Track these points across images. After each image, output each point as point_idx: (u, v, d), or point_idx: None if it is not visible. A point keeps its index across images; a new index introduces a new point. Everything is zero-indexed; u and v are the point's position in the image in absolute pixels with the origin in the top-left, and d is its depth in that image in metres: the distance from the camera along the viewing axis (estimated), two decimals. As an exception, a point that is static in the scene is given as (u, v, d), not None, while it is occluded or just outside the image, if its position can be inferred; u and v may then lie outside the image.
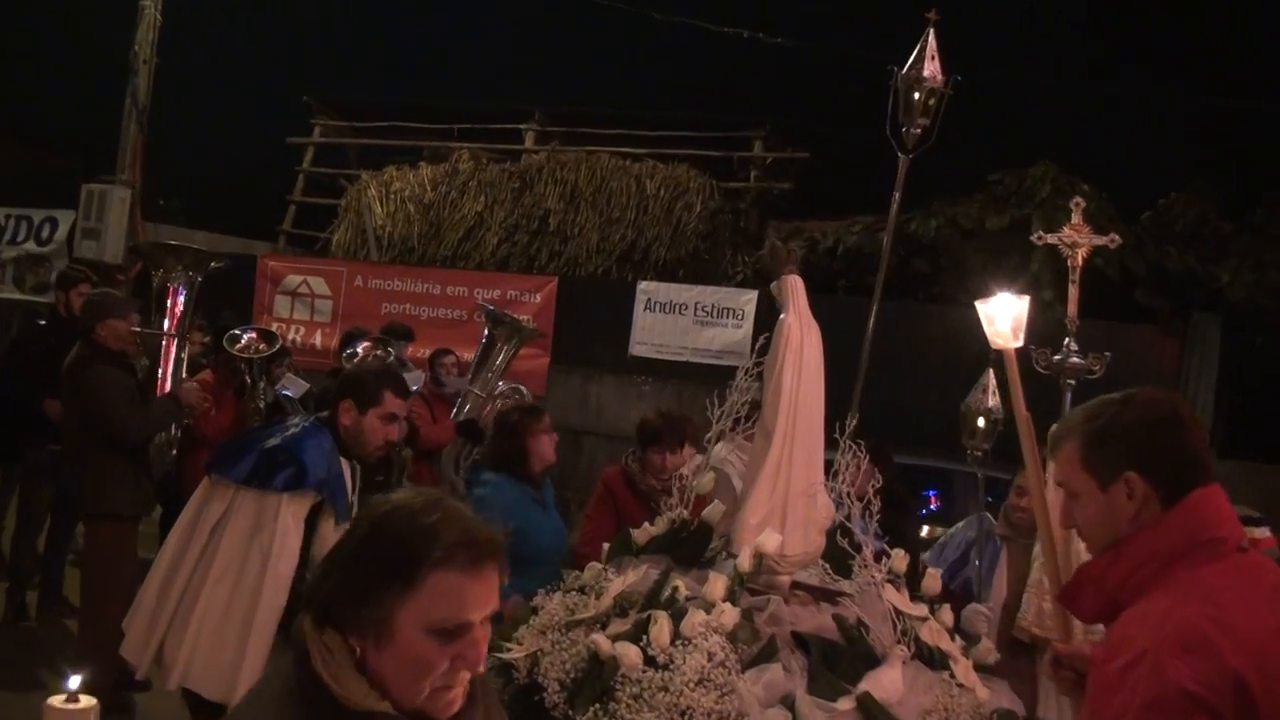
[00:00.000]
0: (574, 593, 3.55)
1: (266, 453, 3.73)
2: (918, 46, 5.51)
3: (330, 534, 3.70)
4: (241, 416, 7.03)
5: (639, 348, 11.36)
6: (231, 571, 3.65)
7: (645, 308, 11.41)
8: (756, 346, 3.84)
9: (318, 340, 12.24)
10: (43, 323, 7.73)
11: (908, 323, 9.75)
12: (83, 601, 6.02)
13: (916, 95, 5.48)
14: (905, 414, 9.00)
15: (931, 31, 5.53)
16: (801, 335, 3.75)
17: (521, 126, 15.54)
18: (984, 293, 3.77)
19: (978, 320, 3.72)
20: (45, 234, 14.24)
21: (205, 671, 3.62)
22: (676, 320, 11.26)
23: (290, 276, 12.63)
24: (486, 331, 7.61)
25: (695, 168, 13.84)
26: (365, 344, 7.36)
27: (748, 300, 10.96)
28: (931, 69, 5.48)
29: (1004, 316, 3.60)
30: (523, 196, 13.90)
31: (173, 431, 6.32)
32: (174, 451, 6.45)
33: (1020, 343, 3.51)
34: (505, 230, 13.74)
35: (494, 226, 13.78)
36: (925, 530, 7.45)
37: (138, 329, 6.16)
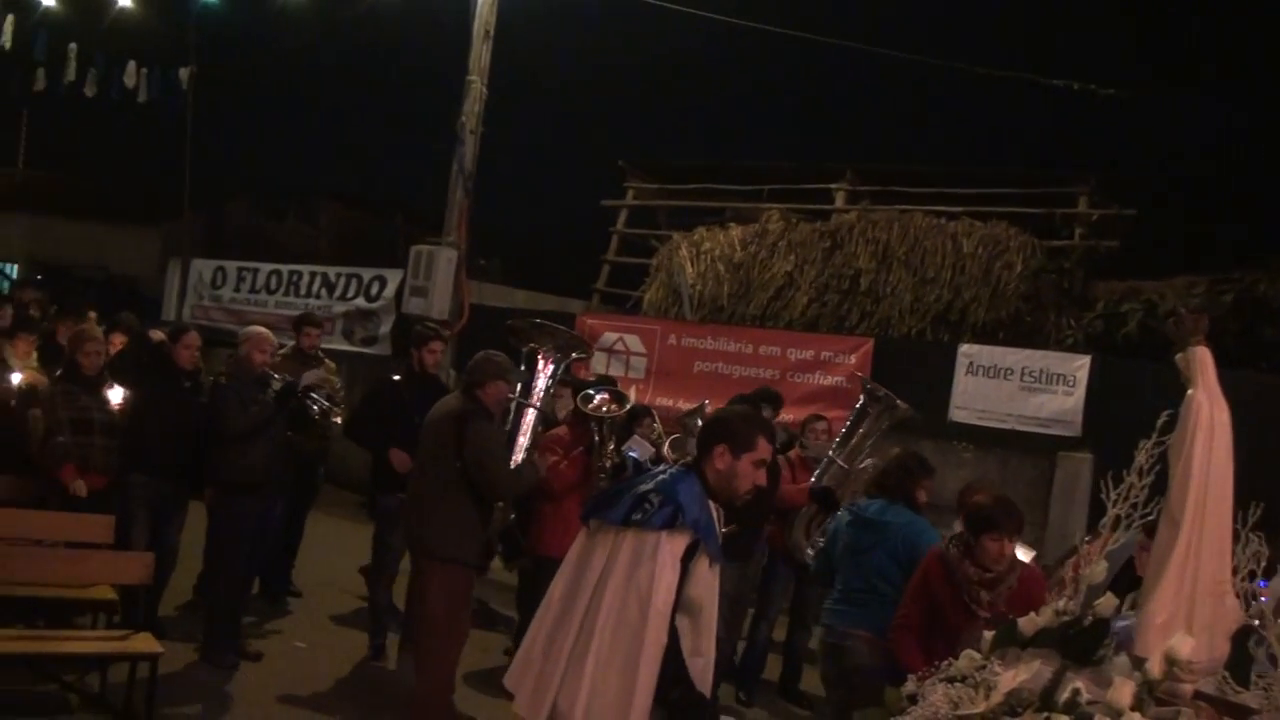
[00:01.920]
0: (956, 683, 3.28)
1: (642, 495, 3.77)
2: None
3: (704, 575, 3.78)
4: (588, 473, 7.20)
5: (959, 413, 10.88)
6: (614, 612, 3.67)
7: (967, 371, 10.95)
8: (1160, 424, 3.47)
9: (632, 396, 12.31)
10: (396, 378, 8.07)
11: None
12: (422, 644, 6.17)
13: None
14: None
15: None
16: (1211, 413, 3.37)
17: (832, 186, 15.38)
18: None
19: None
20: (374, 291, 15.08)
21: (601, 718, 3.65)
22: (1001, 385, 10.73)
23: (607, 334, 12.82)
24: (860, 403, 7.57)
25: (1015, 225, 13.29)
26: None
27: (1080, 366, 10.33)
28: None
29: None
30: (833, 256, 13.68)
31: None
32: (514, 516, 6.69)
33: None
34: (815, 290, 13.55)
35: (804, 286, 13.62)
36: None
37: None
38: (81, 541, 6.59)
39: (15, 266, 25.91)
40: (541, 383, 6.65)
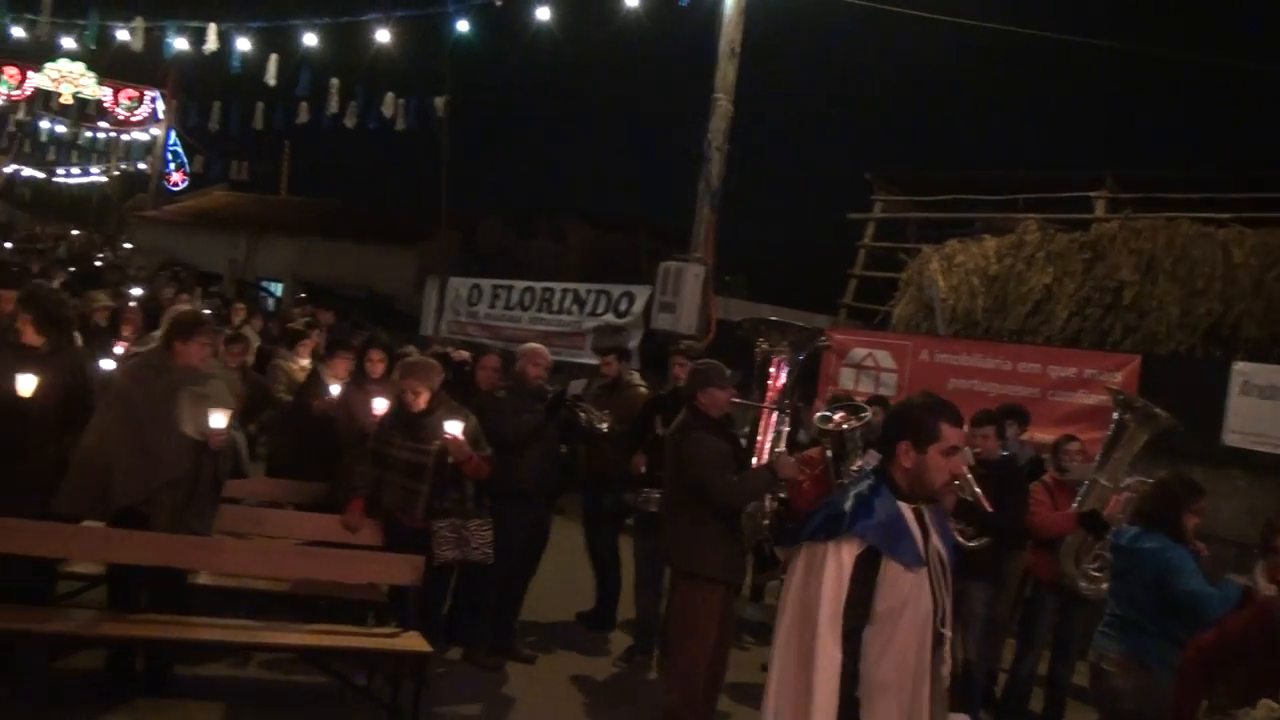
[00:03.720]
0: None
1: (819, 510, 3.68)
2: None
3: (899, 580, 3.49)
4: (828, 491, 7.05)
5: (1233, 436, 10.21)
6: (789, 631, 3.57)
7: (1241, 391, 10.28)
8: None
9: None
10: (662, 394, 8.23)
11: None
12: (669, 657, 6.26)
13: None
14: None
15: None
16: None
17: (1091, 194, 14.82)
18: None
19: None
20: (623, 307, 15.36)
21: None
22: (1279, 407, 10.06)
23: (856, 349, 12.66)
24: (1116, 417, 7.16)
25: (1290, 232, 12.46)
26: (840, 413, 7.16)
27: (1369, 386, 9.60)
28: None
29: None
30: (1094, 268, 13.12)
31: (768, 503, 6.38)
32: (766, 522, 6.56)
33: None
34: (1075, 303, 13.02)
35: (1063, 300, 13.11)
36: None
37: (737, 399, 6.37)
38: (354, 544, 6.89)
39: (281, 285, 27.50)
40: (780, 383, 6.43)
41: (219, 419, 5.99)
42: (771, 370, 6.42)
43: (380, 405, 7.45)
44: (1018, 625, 7.96)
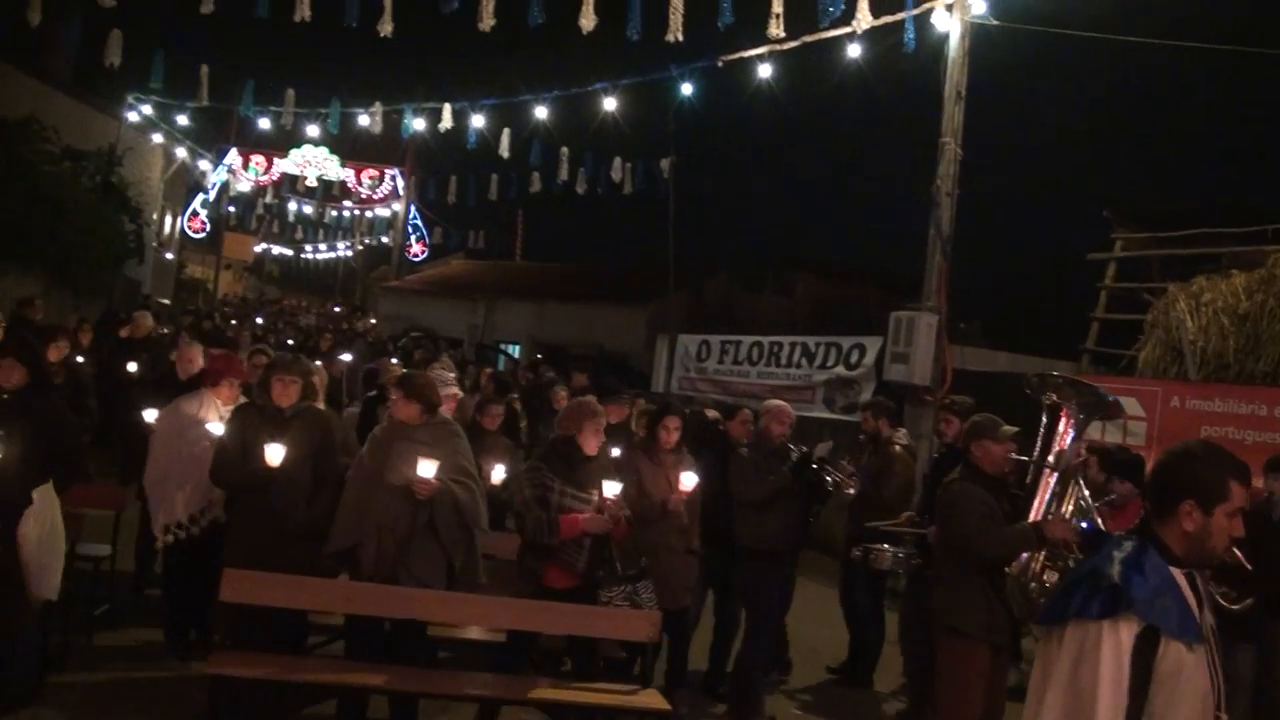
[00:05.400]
0: None
1: (1081, 580, 3.25)
2: None
3: (1181, 661, 3.07)
4: None
5: None
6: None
7: None
8: None
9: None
10: (943, 452, 8.14)
11: None
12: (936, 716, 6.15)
13: None
14: None
15: None
16: None
17: (1349, 221, 13.84)
18: None
19: None
20: (854, 359, 15.17)
21: None
22: None
23: (1101, 398, 12.09)
24: None
25: None
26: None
27: None
28: None
29: None
30: (1356, 302, 12.24)
31: (1036, 566, 6.05)
32: (1033, 584, 6.33)
33: None
34: (1336, 342, 12.16)
35: (1322, 338, 12.25)
36: None
37: (1014, 455, 6.21)
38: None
39: (519, 347, 28.37)
40: (1066, 443, 6.04)
41: (427, 468, 6.00)
42: (1059, 429, 6.12)
43: (689, 481, 7.09)
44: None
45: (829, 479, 7.88)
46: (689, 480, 6.88)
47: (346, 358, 15.18)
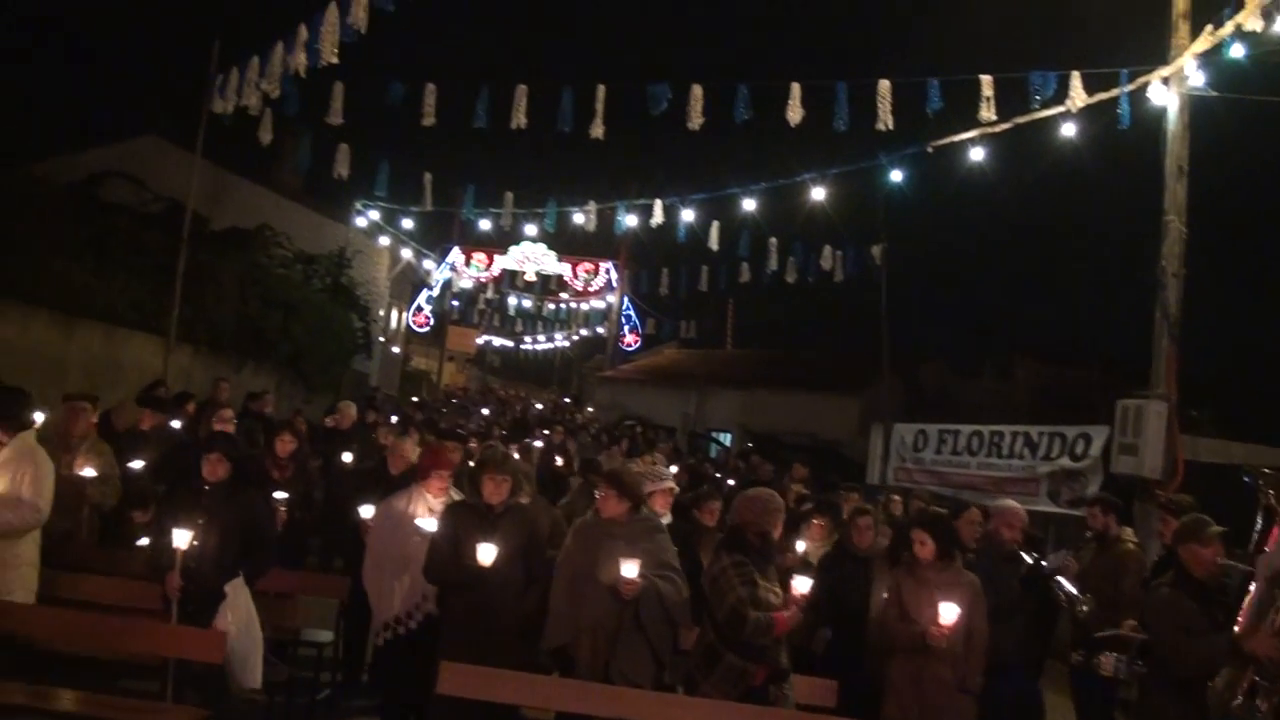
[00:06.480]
0: None
1: None
2: None
3: None
4: None
5: None
6: None
7: None
8: None
9: None
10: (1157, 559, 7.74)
11: None
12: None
13: None
14: None
15: None
16: None
17: None
18: None
19: None
20: (1079, 449, 14.51)
21: None
22: None
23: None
24: None
25: None
26: None
27: None
28: None
29: None
30: None
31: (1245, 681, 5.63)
32: (1237, 701, 5.88)
33: None
34: None
35: None
36: None
37: (1222, 559, 5.84)
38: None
39: (729, 435, 28.35)
40: (1271, 544, 5.66)
41: (630, 569, 6.02)
42: (1275, 530, 5.75)
43: (949, 614, 6.22)
44: None
45: (1062, 596, 7.34)
46: (949, 613, 6.15)
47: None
